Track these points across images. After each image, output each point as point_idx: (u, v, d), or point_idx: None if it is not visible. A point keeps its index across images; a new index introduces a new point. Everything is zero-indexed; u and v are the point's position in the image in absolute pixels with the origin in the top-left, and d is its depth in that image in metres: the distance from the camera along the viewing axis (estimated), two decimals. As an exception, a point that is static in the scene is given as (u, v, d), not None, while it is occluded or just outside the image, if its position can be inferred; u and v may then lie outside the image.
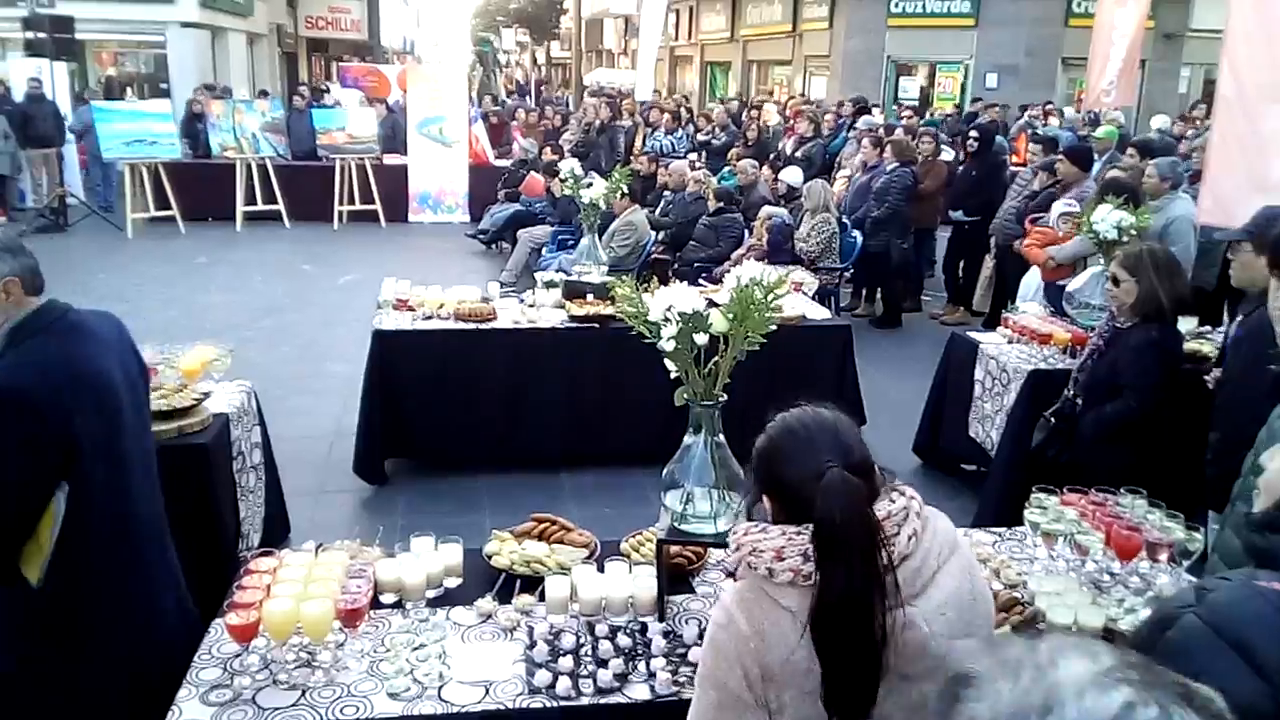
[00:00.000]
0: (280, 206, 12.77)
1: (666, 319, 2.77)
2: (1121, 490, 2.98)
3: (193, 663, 2.32)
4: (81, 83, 16.97)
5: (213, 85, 17.50)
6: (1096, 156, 8.12)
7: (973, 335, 5.42)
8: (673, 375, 2.72)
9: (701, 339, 2.74)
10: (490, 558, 2.79)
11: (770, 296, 2.71)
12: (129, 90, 17.69)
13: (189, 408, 3.76)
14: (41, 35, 12.60)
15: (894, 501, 1.61)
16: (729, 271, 2.99)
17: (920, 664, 1.52)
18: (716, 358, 2.79)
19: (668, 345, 2.78)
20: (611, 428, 5.32)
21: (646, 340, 2.85)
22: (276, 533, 4.39)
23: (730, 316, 2.77)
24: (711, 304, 2.78)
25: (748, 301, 2.77)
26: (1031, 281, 6.40)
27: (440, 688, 2.23)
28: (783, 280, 2.72)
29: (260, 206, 12.70)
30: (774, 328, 2.80)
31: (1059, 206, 6.26)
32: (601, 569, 2.70)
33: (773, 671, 1.55)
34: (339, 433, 5.84)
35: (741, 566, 1.65)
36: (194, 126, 13.31)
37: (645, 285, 2.99)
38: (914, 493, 1.65)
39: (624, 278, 2.97)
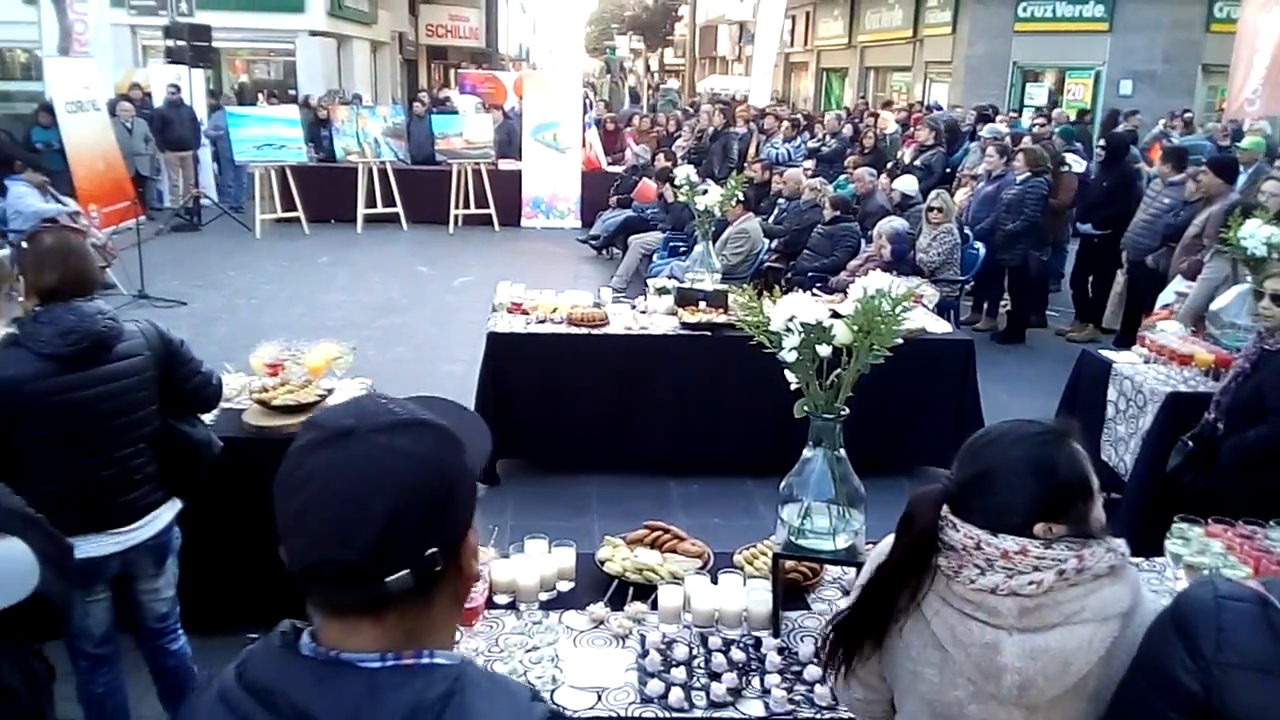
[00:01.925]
0: (399, 209, 13.16)
1: (789, 329, 2.71)
2: (1271, 522, 2.78)
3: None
4: (216, 89, 17.82)
5: (338, 91, 18.20)
6: (1242, 169, 7.67)
7: (1105, 354, 5.17)
8: (793, 387, 2.66)
9: (825, 351, 2.67)
10: (603, 563, 2.78)
11: (899, 309, 2.63)
12: (260, 96, 18.53)
13: (313, 403, 3.88)
14: (181, 43, 13.29)
15: (1056, 549, 1.52)
16: (848, 281, 2.90)
17: (994, 683, 1.54)
18: (839, 370, 2.72)
19: (789, 356, 2.72)
20: (721, 437, 5.28)
21: (766, 350, 2.80)
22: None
23: (855, 328, 2.70)
24: (835, 315, 2.70)
25: (873, 313, 2.69)
26: (1169, 298, 6.09)
27: (553, 691, 2.23)
28: (911, 292, 2.63)
29: (380, 209, 13.11)
30: (900, 341, 2.71)
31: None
32: (715, 580, 2.66)
33: None
34: (452, 432, 5.95)
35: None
36: (320, 131, 13.84)
37: (767, 294, 2.94)
38: (1114, 558, 1.55)
39: (742, 286, 2.92)
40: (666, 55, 49.52)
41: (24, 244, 2.72)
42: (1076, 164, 9.48)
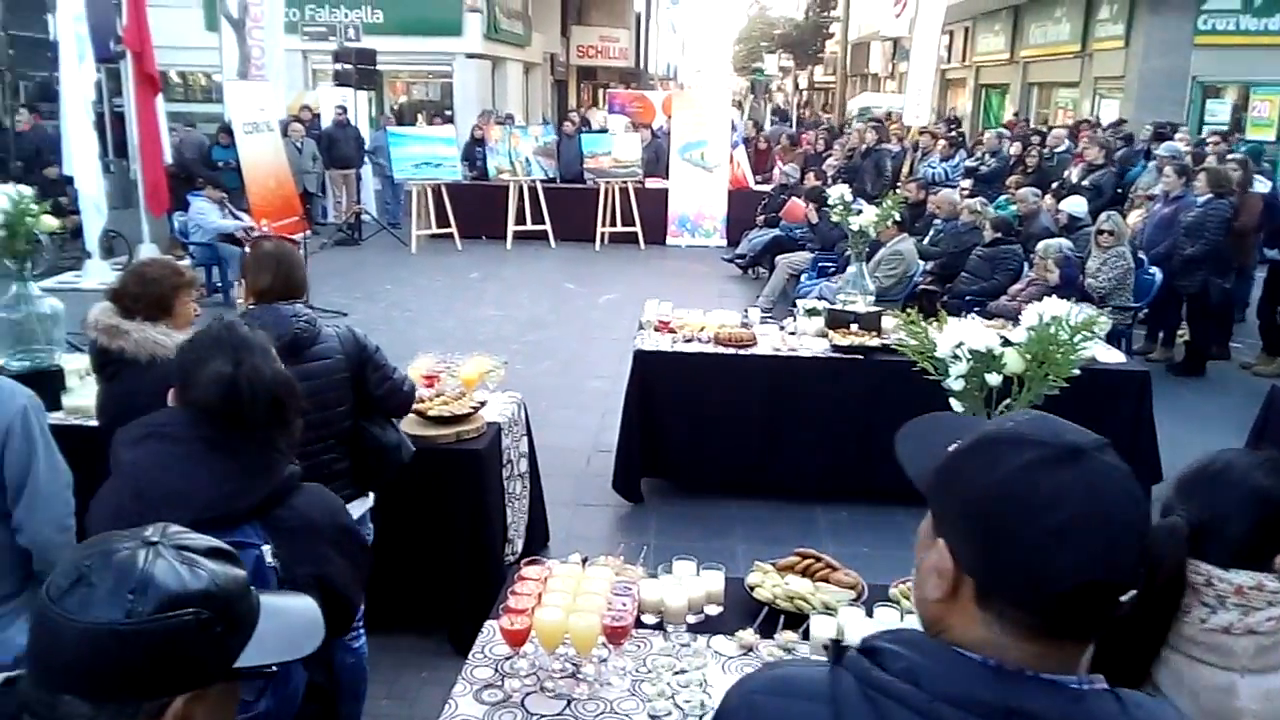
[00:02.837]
0: (547, 226, 13.47)
1: (956, 356, 2.60)
2: None
3: (467, 660, 2.42)
4: (378, 110, 18.74)
5: (491, 111, 18.83)
6: None
7: (1300, 390, 4.75)
8: (959, 415, 2.53)
9: (994, 380, 2.55)
10: (752, 589, 2.72)
11: (1078, 338, 2.48)
12: (419, 116, 19.36)
13: (467, 415, 3.98)
14: (348, 67, 14.06)
15: None
16: (1009, 306, 2.77)
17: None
18: (1009, 400, 2.59)
19: (956, 384, 2.60)
20: (873, 464, 5.09)
21: (930, 377, 2.68)
22: (537, 540, 4.56)
23: (1029, 357, 2.56)
24: (1005, 342, 2.57)
25: (1049, 341, 2.55)
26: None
27: (701, 716, 2.19)
28: (1094, 320, 2.48)
29: (529, 226, 13.46)
30: (1077, 372, 2.56)
31: None
32: (870, 613, 2.56)
33: None
34: (596, 447, 6.01)
35: None
36: (474, 150, 14.33)
37: (931, 319, 2.83)
38: None
39: (903, 309, 2.82)
40: (816, 73, 49.07)
41: (248, 249, 2.93)
42: (1262, 184, 8.79)
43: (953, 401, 2.68)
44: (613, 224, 13.49)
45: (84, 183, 10.55)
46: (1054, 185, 10.63)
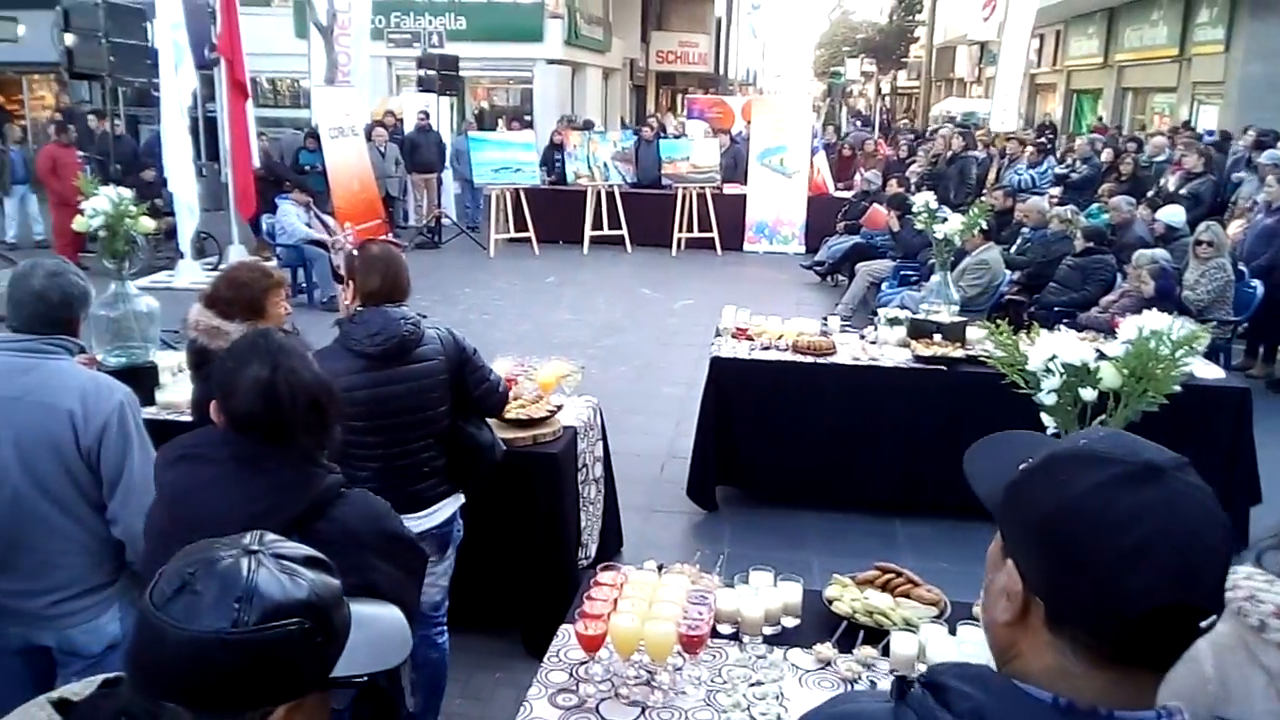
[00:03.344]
0: (624, 232, 13.51)
1: (1049, 370, 2.51)
2: None
3: (542, 663, 2.42)
4: (459, 115, 19.07)
5: (570, 116, 18.98)
6: None
7: None
8: (1049, 432, 2.46)
9: (1089, 395, 2.45)
10: (831, 602, 2.67)
11: (1180, 353, 2.38)
12: (499, 121, 19.61)
13: (544, 418, 4.01)
14: (431, 73, 14.32)
15: None
16: (1100, 318, 2.67)
17: None
18: (1103, 417, 2.49)
19: (1048, 399, 2.52)
20: (955, 477, 4.95)
21: (1020, 391, 2.60)
22: (611, 545, 4.56)
23: (1126, 372, 2.47)
24: (1101, 356, 2.47)
25: (1148, 357, 2.45)
26: None
27: (777, 732, 2.15)
28: (1197, 335, 2.37)
29: (605, 231, 13.51)
30: (1178, 388, 2.45)
31: None
32: (953, 631, 2.49)
33: None
34: (670, 454, 5.99)
35: (1228, 611, 1.46)
36: (553, 155, 14.45)
37: (1022, 329, 2.75)
38: None
39: (988, 319, 2.74)
40: (899, 77, 48.35)
41: (355, 251, 3.03)
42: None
43: (1043, 416, 2.60)
44: (689, 230, 13.47)
45: (179, 185, 10.95)
46: (1149, 194, 10.26)
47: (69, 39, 10.69)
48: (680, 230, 13.42)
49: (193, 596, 1.02)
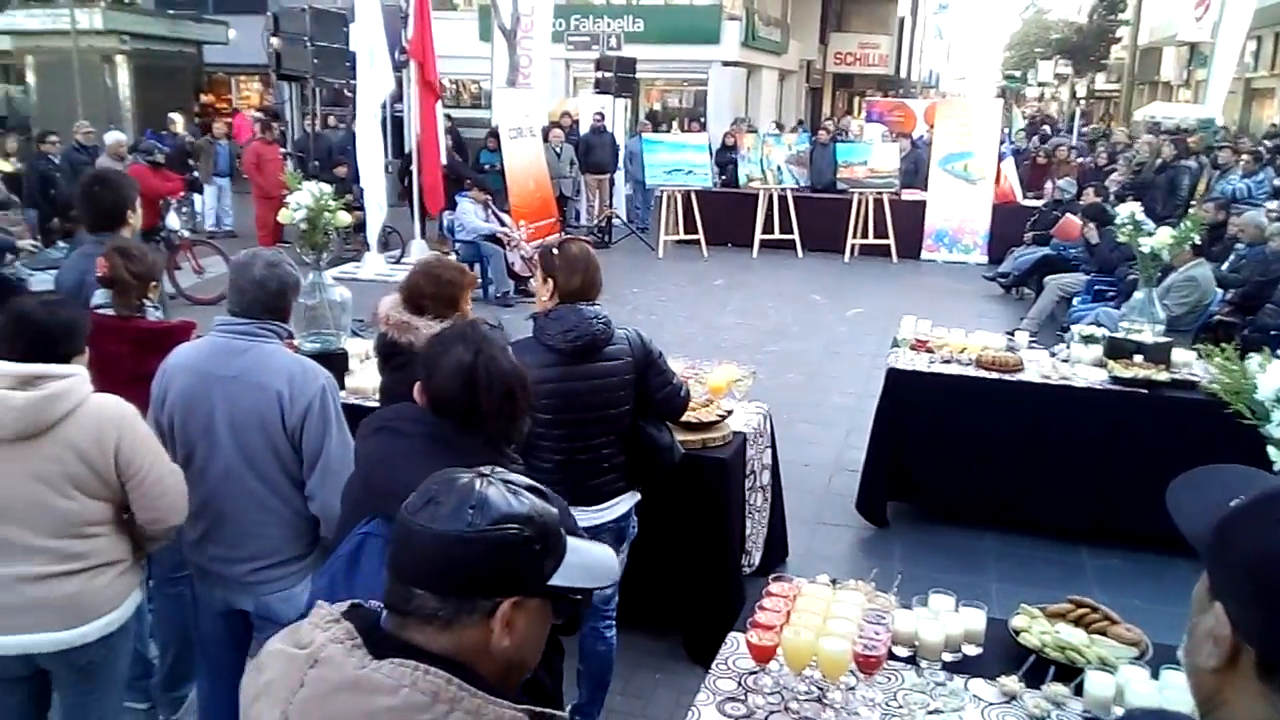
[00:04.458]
0: (795, 236, 13.30)
1: (1283, 398, 2.27)
2: None
3: (711, 669, 2.39)
4: (633, 117, 19.31)
5: (744, 119, 18.84)
6: None
7: None
8: (1275, 467, 2.24)
9: (1331, 427, 2.20)
10: (1018, 633, 2.51)
11: None
12: (672, 123, 19.70)
13: (714, 423, 3.97)
14: (608, 75, 14.55)
15: None
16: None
17: None
18: (1347, 453, 2.23)
19: (1277, 432, 2.28)
20: (1153, 508, 4.60)
21: (1245, 422, 2.37)
22: (775, 555, 4.48)
23: (1380, 404, 2.20)
24: (1349, 385, 2.22)
25: None
26: None
27: (956, 765, 2.04)
28: None
29: (776, 235, 13.35)
30: None
31: None
32: (1155, 675, 2.29)
33: None
34: (839, 465, 5.84)
35: None
36: (725, 157, 14.39)
37: (1241, 355, 2.51)
38: None
39: (1194, 341, 2.51)
40: (1097, 80, 45.57)
41: (554, 250, 3.12)
42: None
43: (1270, 450, 2.37)
44: (864, 236, 13.12)
45: (369, 182, 11.56)
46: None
47: (276, 42, 11.51)
48: (854, 236, 13.10)
49: (436, 506, 1.23)
